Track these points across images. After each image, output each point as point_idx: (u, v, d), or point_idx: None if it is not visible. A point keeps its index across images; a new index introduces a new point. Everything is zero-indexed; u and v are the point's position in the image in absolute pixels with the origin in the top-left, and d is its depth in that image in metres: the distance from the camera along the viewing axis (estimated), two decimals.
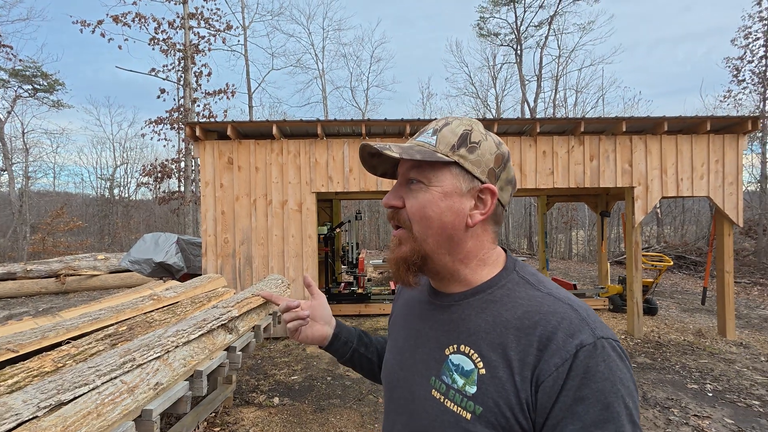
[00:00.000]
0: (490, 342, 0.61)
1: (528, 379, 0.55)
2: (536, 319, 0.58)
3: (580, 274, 11.44)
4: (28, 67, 15.84)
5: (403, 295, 0.85)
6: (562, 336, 0.55)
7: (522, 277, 0.66)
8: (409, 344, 0.73)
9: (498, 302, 0.64)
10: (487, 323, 0.63)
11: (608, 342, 0.55)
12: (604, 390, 0.52)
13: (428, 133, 0.67)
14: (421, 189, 0.66)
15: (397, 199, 0.68)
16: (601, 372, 0.52)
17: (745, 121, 5.15)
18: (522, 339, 0.58)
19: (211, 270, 5.27)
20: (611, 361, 0.53)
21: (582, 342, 0.54)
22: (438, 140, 0.65)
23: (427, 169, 0.65)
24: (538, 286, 0.64)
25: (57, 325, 2.36)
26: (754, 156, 13.32)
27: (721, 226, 5.36)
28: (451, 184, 0.64)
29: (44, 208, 19.15)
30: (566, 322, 0.57)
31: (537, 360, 0.56)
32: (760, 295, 8.21)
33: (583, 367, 0.53)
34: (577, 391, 0.52)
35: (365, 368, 0.95)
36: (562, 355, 0.54)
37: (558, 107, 20.06)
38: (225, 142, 5.33)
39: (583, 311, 0.59)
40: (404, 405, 0.69)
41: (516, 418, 0.55)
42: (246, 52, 17.62)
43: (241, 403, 3.54)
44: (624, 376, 0.53)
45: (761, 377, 4.02)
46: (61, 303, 8.03)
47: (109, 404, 1.66)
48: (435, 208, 0.64)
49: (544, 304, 0.60)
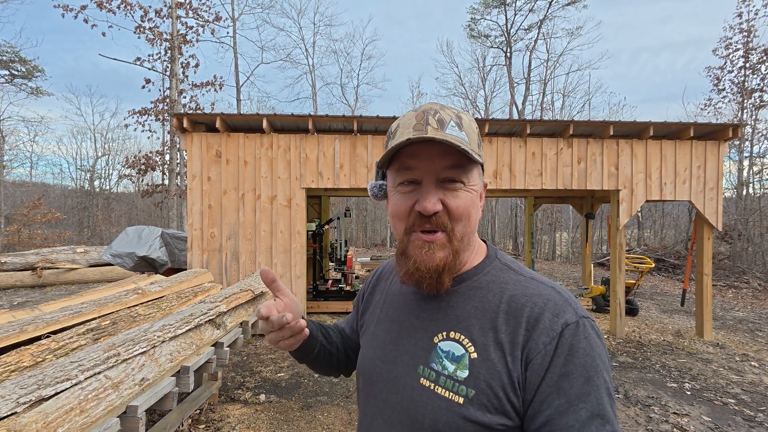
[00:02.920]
0: (481, 326, 0.62)
1: (519, 359, 0.58)
2: (523, 301, 0.62)
3: (563, 275, 11.65)
4: (6, 51, 15.24)
5: (379, 288, 0.84)
6: (549, 316, 0.59)
7: (504, 264, 0.70)
8: (392, 336, 0.72)
9: (484, 288, 0.66)
10: (476, 309, 0.64)
11: (588, 321, 0.60)
12: (586, 365, 0.56)
13: (453, 126, 0.62)
14: (461, 189, 0.64)
15: (439, 203, 0.63)
16: (582, 348, 0.57)
17: (726, 129, 5.31)
18: (511, 321, 0.61)
19: (197, 265, 5.17)
20: (591, 338, 0.58)
21: (567, 321, 0.58)
22: (468, 137, 0.63)
23: (467, 169, 0.64)
24: (520, 271, 0.68)
25: (36, 319, 2.27)
26: (732, 163, 13.78)
27: (701, 230, 5.52)
28: (479, 183, 0.67)
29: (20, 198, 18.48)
30: (551, 303, 0.61)
31: (526, 340, 0.59)
32: (734, 298, 8.50)
33: (568, 344, 0.57)
34: (563, 368, 0.56)
35: (324, 363, 0.85)
36: (550, 333, 0.58)
37: (545, 110, 20.35)
38: (213, 134, 5.23)
39: (565, 293, 0.63)
40: (386, 398, 0.68)
41: (508, 397, 0.58)
42: (235, 45, 17.33)
43: (227, 400, 3.48)
44: (601, 352, 0.58)
45: (736, 376, 4.16)
46: (38, 297, 7.77)
47: (93, 400, 1.60)
48: (475, 208, 0.66)
49: (530, 288, 0.64)
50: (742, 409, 3.45)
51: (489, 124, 5.27)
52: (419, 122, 0.62)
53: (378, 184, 0.72)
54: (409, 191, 0.64)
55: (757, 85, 12.55)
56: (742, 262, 11.24)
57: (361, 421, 0.74)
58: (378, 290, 0.84)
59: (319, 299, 6.72)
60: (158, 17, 13.66)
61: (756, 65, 12.47)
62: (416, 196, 0.63)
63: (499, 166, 5.33)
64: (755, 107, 12.73)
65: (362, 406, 0.75)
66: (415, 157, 0.63)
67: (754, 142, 13.15)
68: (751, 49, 12.49)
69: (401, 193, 0.65)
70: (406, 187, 0.65)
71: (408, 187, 0.65)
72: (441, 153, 0.62)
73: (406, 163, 0.64)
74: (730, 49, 12.99)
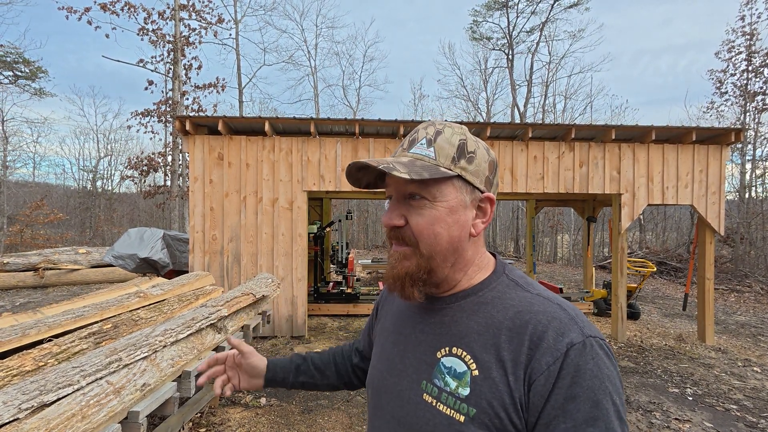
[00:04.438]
0: (483, 343, 0.61)
1: (521, 379, 0.56)
2: (527, 318, 0.60)
3: (565, 278, 11.62)
4: (9, 53, 15.32)
5: (390, 300, 0.84)
6: (553, 335, 0.57)
7: (512, 280, 0.68)
8: (398, 349, 0.72)
9: (489, 304, 0.65)
10: (479, 325, 0.63)
11: (596, 341, 0.57)
12: (594, 387, 0.53)
13: (422, 144, 0.65)
14: (425, 205, 0.63)
15: (399, 218, 0.65)
16: (590, 370, 0.54)
17: (729, 133, 5.30)
18: (514, 339, 0.59)
19: (198, 267, 5.18)
20: (599, 360, 0.55)
21: (572, 341, 0.56)
22: (436, 152, 0.64)
23: (430, 185, 0.63)
24: (527, 288, 0.66)
25: (38, 322, 2.28)
26: (734, 166, 13.74)
27: (703, 234, 5.50)
28: (455, 197, 0.64)
29: (23, 198, 18.54)
30: (556, 322, 0.58)
31: (529, 359, 0.57)
32: (737, 302, 8.47)
33: (574, 365, 0.54)
34: (569, 390, 0.53)
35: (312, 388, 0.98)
36: (554, 353, 0.55)
37: (547, 113, 20.34)
38: (215, 137, 5.24)
39: (571, 311, 0.60)
40: (392, 412, 0.68)
41: (510, 417, 0.56)
42: (237, 47, 17.39)
43: (227, 403, 3.48)
44: (611, 374, 0.55)
45: (738, 382, 4.14)
46: (40, 297, 7.79)
47: (95, 406, 1.61)
48: (443, 224, 0.64)
49: (535, 304, 0.61)
50: (744, 415, 3.43)
51: (491, 127, 5.27)
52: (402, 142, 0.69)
53: None
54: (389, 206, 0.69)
55: (760, 88, 12.52)
56: (744, 265, 11.20)
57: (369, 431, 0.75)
58: (388, 301, 0.85)
59: (320, 301, 6.72)
60: (161, 19, 13.73)
61: (759, 68, 12.44)
62: None
63: (500, 170, 5.33)
64: (758, 110, 12.70)
65: (370, 417, 0.76)
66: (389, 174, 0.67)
67: (756, 146, 13.12)
68: (754, 52, 12.46)
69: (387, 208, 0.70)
70: (389, 202, 0.69)
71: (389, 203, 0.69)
72: None
73: (387, 180, 0.69)
74: (732, 52, 12.97)
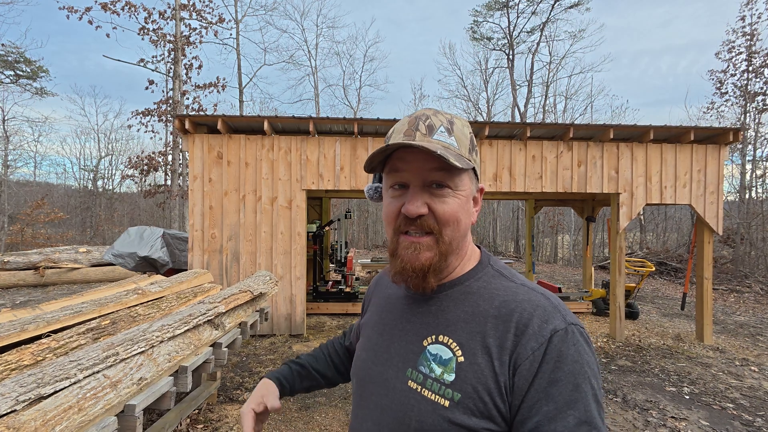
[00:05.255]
0: (469, 331, 0.63)
1: (506, 364, 0.58)
2: (512, 306, 0.62)
3: (564, 278, 11.62)
4: (11, 52, 15.37)
5: (377, 293, 0.85)
6: (538, 322, 0.59)
7: (497, 270, 0.70)
8: (384, 339, 0.73)
9: (476, 294, 0.67)
10: (466, 313, 0.65)
11: (577, 328, 0.60)
12: (574, 372, 0.56)
13: (443, 132, 0.65)
14: (449, 194, 0.64)
15: (424, 206, 0.64)
16: (571, 355, 0.57)
17: (727, 132, 5.31)
18: (500, 326, 0.61)
19: (198, 265, 5.20)
20: (579, 346, 0.58)
21: (555, 327, 0.59)
22: (458, 142, 0.65)
23: (454, 173, 0.64)
24: (511, 278, 0.69)
25: (37, 318, 2.30)
26: (734, 167, 13.73)
27: (702, 234, 5.50)
28: (469, 187, 0.67)
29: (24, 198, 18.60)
30: (540, 310, 0.61)
31: (514, 345, 0.59)
32: (736, 302, 8.47)
33: (557, 351, 0.57)
34: (552, 374, 0.56)
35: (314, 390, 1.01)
36: (538, 339, 0.58)
37: (548, 113, 20.34)
38: (215, 136, 5.26)
39: (554, 299, 0.63)
40: (376, 400, 0.68)
41: (494, 401, 0.58)
42: (238, 46, 17.40)
43: (225, 400, 3.50)
44: (590, 359, 0.58)
45: (735, 381, 4.15)
46: (40, 296, 7.82)
47: (91, 399, 1.62)
48: (463, 212, 0.66)
49: (519, 294, 0.64)
50: (740, 413, 3.44)
51: (489, 127, 5.28)
52: (410, 128, 0.65)
53: (374, 187, 0.76)
54: (399, 194, 0.66)
55: (760, 88, 12.51)
56: (744, 266, 11.19)
57: (352, 423, 0.75)
58: (376, 295, 0.85)
59: (319, 300, 6.73)
60: (162, 19, 13.77)
61: (759, 69, 12.44)
62: (404, 199, 0.65)
63: (499, 169, 5.34)
64: (758, 111, 12.69)
65: (354, 407, 0.76)
66: (403, 160, 0.65)
67: (756, 146, 13.11)
68: (754, 52, 12.45)
69: (391, 197, 0.68)
70: (396, 191, 0.67)
71: (398, 191, 0.67)
72: (427, 157, 0.63)
73: (395, 166, 0.66)
74: (733, 52, 12.97)
